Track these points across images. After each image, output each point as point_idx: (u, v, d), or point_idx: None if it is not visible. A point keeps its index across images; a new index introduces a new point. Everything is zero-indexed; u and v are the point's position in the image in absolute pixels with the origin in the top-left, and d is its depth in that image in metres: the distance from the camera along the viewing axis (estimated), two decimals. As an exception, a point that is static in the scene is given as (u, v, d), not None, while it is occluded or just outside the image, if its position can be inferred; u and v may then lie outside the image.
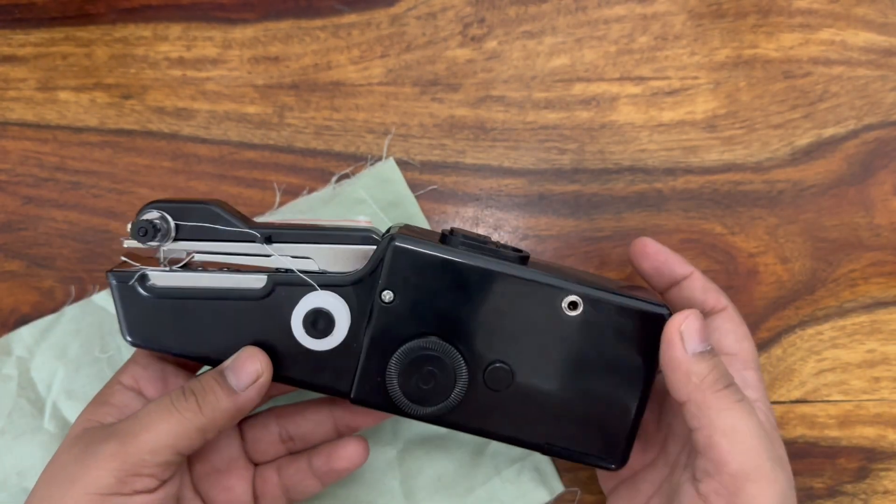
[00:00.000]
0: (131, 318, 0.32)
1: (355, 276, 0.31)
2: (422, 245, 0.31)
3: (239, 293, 0.32)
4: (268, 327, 0.32)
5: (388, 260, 0.31)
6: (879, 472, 0.42)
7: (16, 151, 0.41)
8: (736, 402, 0.29)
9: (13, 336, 0.40)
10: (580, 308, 0.31)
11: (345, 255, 0.32)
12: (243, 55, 0.42)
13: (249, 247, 0.32)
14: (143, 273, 0.32)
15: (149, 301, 0.32)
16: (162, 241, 0.31)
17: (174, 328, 0.32)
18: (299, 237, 0.32)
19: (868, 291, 0.42)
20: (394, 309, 0.31)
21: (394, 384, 0.31)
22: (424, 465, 0.40)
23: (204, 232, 0.31)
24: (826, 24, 0.42)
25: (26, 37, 0.42)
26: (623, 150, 0.42)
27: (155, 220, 0.31)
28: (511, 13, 0.42)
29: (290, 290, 0.31)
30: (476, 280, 0.31)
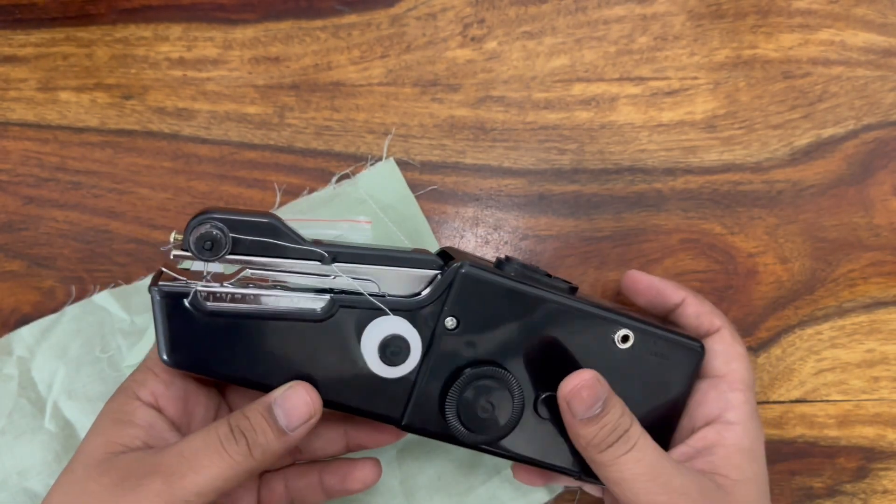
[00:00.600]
0: (176, 338, 0.29)
1: (421, 301, 0.31)
2: (488, 273, 0.31)
3: (298, 314, 0.30)
4: (330, 352, 0.30)
5: (456, 286, 0.30)
6: (879, 472, 0.42)
7: (17, 151, 0.41)
8: (620, 457, 0.31)
9: (14, 336, 0.40)
10: (631, 341, 0.33)
11: (405, 278, 0.31)
12: (244, 55, 0.42)
13: (309, 265, 0.30)
14: (195, 290, 0.29)
15: (198, 320, 0.29)
16: (219, 256, 0.28)
17: (223, 350, 0.29)
18: (362, 258, 0.30)
19: (867, 291, 0.42)
20: (456, 335, 0.31)
21: (453, 411, 0.31)
22: (424, 464, 0.40)
23: (263, 247, 0.29)
24: (825, 24, 0.42)
25: (27, 37, 0.42)
26: (623, 151, 0.42)
27: (216, 233, 0.28)
28: (511, 14, 0.42)
29: (356, 312, 0.30)
30: (537, 310, 0.31)
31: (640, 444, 0.31)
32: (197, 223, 0.28)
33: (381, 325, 0.30)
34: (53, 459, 0.39)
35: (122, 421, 0.30)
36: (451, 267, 0.31)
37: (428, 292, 0.31)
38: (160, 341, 0.29)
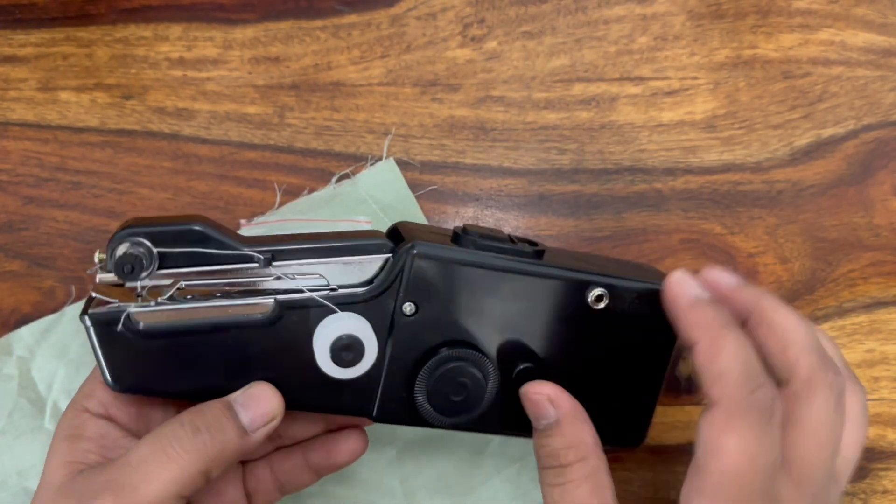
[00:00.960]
0: (117, 364, 0.27)
1: (373, 290, 0.29)
2: (442, 251, 0.29)
3: (242, 322, 0.28)
4: (281, 357, 0.28)
5: (408, 270, 0.28)
6: (879, 472, 0.42)
7: (16, 152, 0.41)
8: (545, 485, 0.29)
9: (14, 336, 0.40)
10: (606, 300, 0.30)
11: (355, 266, 0.29)
12: (244, 55, 0.42)
13: (248, 269, 0.28)
14: (126, 312, 0.27)
15: (136, 343, 0.27)
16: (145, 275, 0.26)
17: (168, 369, 0.28)
18: (304, 253, 0.28)
19: (867, 291, 0.42)
20: (415, 321, 0.29)
21: (423, 399, 0.30)
22: (424, 464, 0.40)
23: (192, 258, 0.27)
24: (825, 24, 0.42)
25: (27, 37, 0.42)
26: (623, 151, 0.42)
27: (138, 253, 0.26)
28: (511, 13, 0.42)
29: (304, 313, 0.28)
30: (501, 282, 0.29)
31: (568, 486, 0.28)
32: (117, 242, 0.26)
33: (333, 323, 0.28)
34: None
35: (74, 436, 0.28)
36: (401, 249, 0.28)
37: (379, 280, 0.28)
38: (101, 369, 0.28)
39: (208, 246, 0.27)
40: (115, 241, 0.26)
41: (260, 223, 0.40)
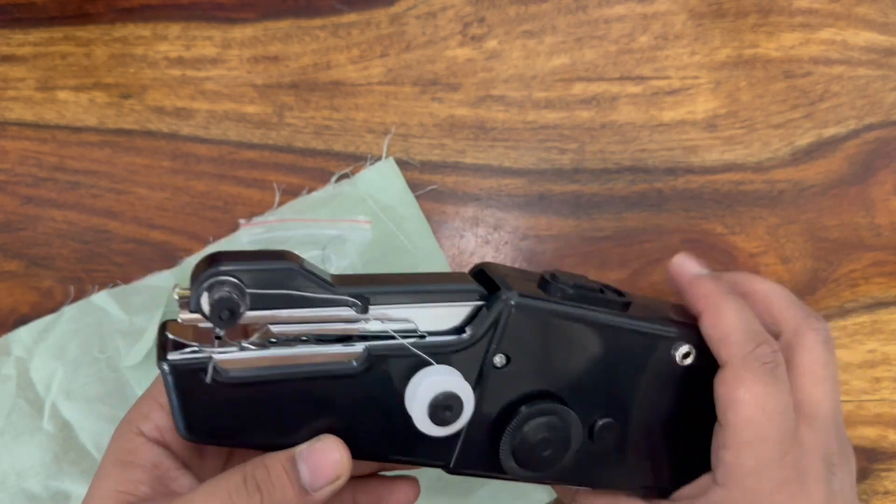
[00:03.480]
0: (194, 412, 0.25)
1: (467, 341, 0.27)
2: (541, 304, 0.28)
3: (332, 371, 0.26)
4: (369, 408, 0.27)
5: (504, 321, 0.27)
6: (880, 473, 0.42)
7: (15, 151, 0.41)
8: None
9: (12, 336, 0.40)
10: (692, 357, 0.31)
11: (446, 313, 0.27)
12: (243, 55, 0.42)
13: (337, 312, 0.26)
14: (212, 360, 0.25)
15: (217, 391, 0.25)
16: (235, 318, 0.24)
17: (249, 419, 0.26)
18: (397, 297, 0.27)
19: (869, 291, 0.42)
20: (505, 373, 0.28)
21: (507, 452, 0.28)
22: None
23: (285, 299, 0.25)
24: (827, 23, 0.42)
25: (25, 36, 0.41)
26: (623, 150, 0.42)
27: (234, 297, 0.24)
28: (511, 12, 0.42)
29: (396, 362, 0.27)
30: (592, 333, 0.29)
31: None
32: (207, 286, 0.24)
33: (427, 378, 0.27)
34: (52, 460, 0.39)
35: (126, 462, 0.27)
36: (497, 299, 0.27)
37: (472, 331, 0.27)
38: (175, 416, 0.26)
39: (303, 288, 0.25)
40: (204, 284, 0.24)
41: (259, 223, 0.40)
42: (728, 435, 0.29)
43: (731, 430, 0.29)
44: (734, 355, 0.29)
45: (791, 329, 0.31)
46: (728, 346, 0.29)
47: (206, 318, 0.24)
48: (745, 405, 0.28)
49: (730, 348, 0.29)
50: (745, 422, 0.28)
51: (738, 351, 0.29)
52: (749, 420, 0.28)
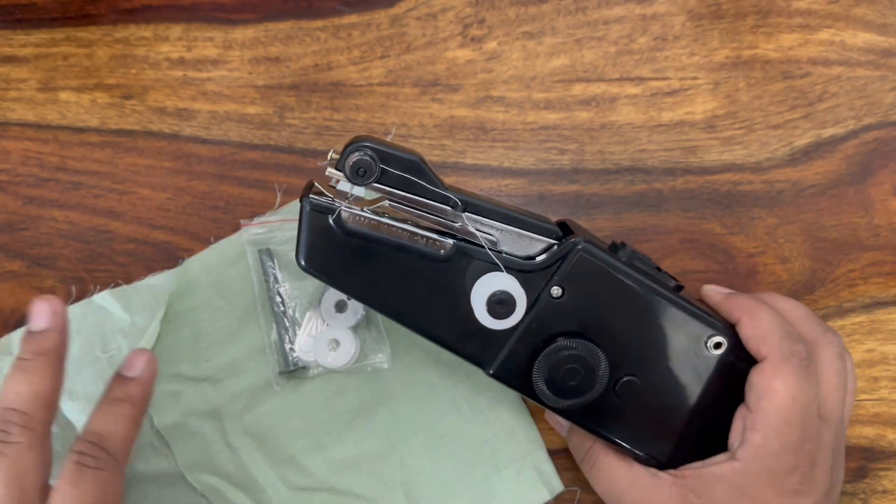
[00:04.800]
0: (313, 246, 0.32)
1: (535, 265, 0.33)
2: (603, 255, 0.33)
3: (423, 251, 0.32)
4: (442, 292, 0.33)
5: (569, 259, 0.32)
6: (878, 472, 0.42)
7: (17, 152, 0.41)
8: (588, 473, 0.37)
9: (14, 336, 0.40)
10: (722, 348, 0.34)
11: (525, 240, 0.33)
12: (244, 56, 0.42)
13: (441, 209, 0.32)
14: (340, 208, 0.32)
15: (336, 236, 0.32)
16: (367, 181, 0.31)
17: (349, 267, 0.32)
18: (489, 213, 0.32)
19: (867, 291, 0.42)
20: (558, 304, 0.33)
21: (540, 372, 0.33)
22: (425, 464, 0.40)
23: (405, 183, 0.31)
24: (825, 24, 0.42)
25: (27, 37, 0.42)
26: (623, 151, 0.42)
27: (369, 161, 0.30)
28: (511, 14, 0.42)
29: (474, 262, 0.32)
30: (640, 298, 0.33)
31: (598, 463, 0.35)
32: (353, 149, 0.31)
33: (493, 279, 0.32)
34: (53, 459, 0.39)
35: None
36: (569, 240, 0.33)
37: (543, 258, 0.33)
38: (300, 246, 0.32)
39: (422, 178, 0.31)
40: (351, 147, 0.31)
41: (260, 223, 0.40)
42: (758, 419, 0.32)
43: (763, 416, 0.32)
44: (774, 351, 0.32)
45: (811, 340, 0.34)
46: (768, 343, 0.33)
47: (346, 176, 0.31)
48: (780, 394, 0.32)
49: (769, 345, 0.33)
50: (777, 409, 0.32)
51: (777, 347, 0.32)
52: (781, 407, 0.32)
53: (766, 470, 0.32)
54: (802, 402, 0.32)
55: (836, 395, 0.34)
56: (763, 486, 0.32)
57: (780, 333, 0.33)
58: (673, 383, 0.34)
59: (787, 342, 0.33)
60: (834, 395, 0.34)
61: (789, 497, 0.32)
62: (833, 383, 0.34)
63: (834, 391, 0.34)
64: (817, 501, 0.33)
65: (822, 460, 0.33)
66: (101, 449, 0.32)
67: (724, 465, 0.33)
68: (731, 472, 0.32)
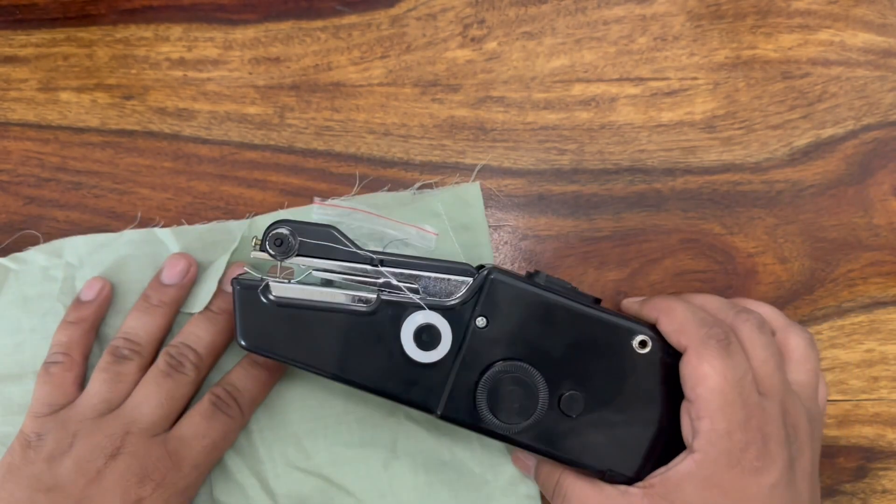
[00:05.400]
0: (249, 323, 0.34)
1: (455, 301, 0.35)
2: (515, 280, 0.35)
3: (350, 308, 0.34)
4: (375, 340, 0.35)
5: (486, 290, 0.34)
6: (878, 472, 0.42)
7: (17, 152, 0.41)
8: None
9: (67, 241, 0.40)
10: (648, 346, 0.35)
11: (444, 283, 0.35)
12: (244, 56, 0.42)
13: (361, 268, 0.35)
14: (266, 283, 0.34)
15: (268, 309, 0.34)
16: (288, 254, 0.34)
17: (286, 336, 0.34)
18: (406, 264, 0.35)
19: (867, 291, 0.42)
20: (486, 334, 0.35)
21: (482, 400, 0.34)
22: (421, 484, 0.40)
23: (323, 251, 0.34)
24: (825, 24, 0.42)
25: (27, 37, 0.42)
26: (622, 151, 0.42)
27: (287, 234, 0.34)
28: (511, 14, 0.42)
29: (398, 308, 0.35)
30: (559, 315, 0.35)
31: (568, 493, 0.35)
32: (272, 227, 0.34)
33: (417, 317, 0.34)
34: None
35: None
36: (483, 270, 0.35)
37: (461, 295, 0.35)
38: (238, 327, 0.34)
39: (337, 243, 0.34)
40: (270, 226, 0.34)
41: (332, 205, 0.40)
42: (700, 406, 0.33)
43: (702, 402, 0.33)
44: (692, 339, 0.34)
45: (728, 324, 0.35)
46: (685, 333, 0.34)
47: (269, 253, 0.34)
48: (710, 377, 0.33)
49: (688, 335, 0.34)
50: (712, 391, 0.33)
51: (694, 334, 0.34)
52: (715, 389, 0.32)
53: (723, 452, 0.32)
54: (734, 379, 0.33)
55: (765, 368, 0.34)
56: (724, 469, 0.32)
57: (695, 322, 0.34)
58: (613, 391, 0.35)
59: (703, 328, 0.34)
60: (764, 369, 0.34)
61: (751, 476, 0.32)
62: (760, 357, 0.34)
63: (763, 364, 0.34)
64: (780, 476, 0.33)
65: (773, 434, 0.33)
66: (234, 401, 0.38)
67: (685, 462, 0.33)
68: (694, 465, 0.33)
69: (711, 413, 0.32)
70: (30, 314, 0.39)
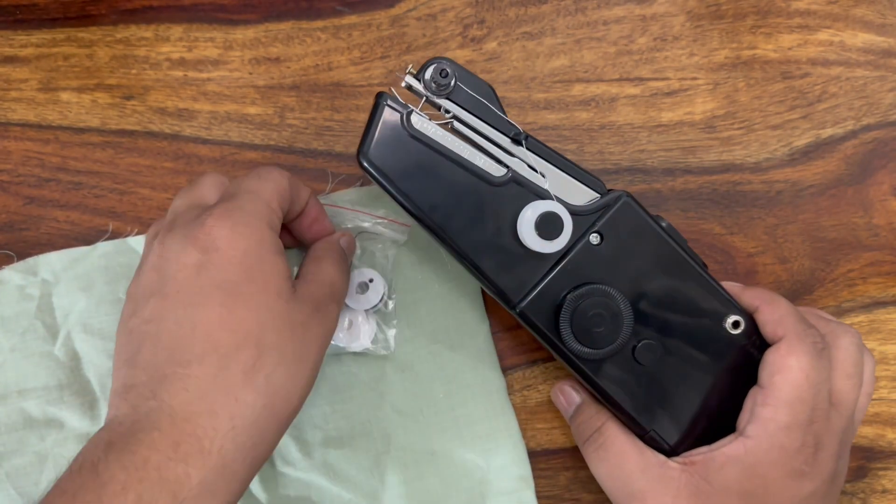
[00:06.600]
0: (377, 142, 0.33)
1: (580, 208, 0.34)
2: (644, 213, 0.34)
3: (479, 171, 0.33)
4: (491, 211, 0.33)
5: (613, 210, 0.34)
6: (878, 472, 0.42)
7: (18, 152, 0.41)
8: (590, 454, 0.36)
9: (41, 259, 0.40)
10: (740, 328, 0.35)
11: (572, 188, 0.34)
12: (244, 56, 0.42)
13: (501, 138, 0.33)
14: (412, 111, 0.33)
15: (402, 136, 0.33)
16: (442, 93, 0.33)
17: (407, 170, 0.33)
18: (546, 154, 0.34)
19: (866, 291, 0.42)
20: (596, 251, 0.34)
21: (567, 313, 0.33)
22: (412, 477, 0.40)
23: (474, 104, 0.33)
24: (824, 24, 0.42)
25: (28, 37, 0.42)
26: (622, 151, 0.42)
27: (450, 71, 0.32)
28: (511, 14, 0.42)
29: (524, 190, 0.33)
30: (671, 264, 0.34)
31: (607, 443, 0.35)
32: (434, 61, 0.33)
33: (543, 205, 0.33)
34: (55, 387, 0.39)
35: (283, 253, 0.33)
36: (615, 193, 0.34)
37: (588, 204, 0.34)
38: (367, 139, 0.33)
39: (491, 103, 0.33)
40: (432, 60, 0.33)
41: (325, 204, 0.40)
42: (770, 394, 0.33)
43: (775, 391, 0.32)
44: (790, 332, 0.33)
45: (829, 332, 0.35)
46: (785, 325, 0.34)
47: (423, 84, 0.33)
48: (793, 370, 0.32)
49: (785, 327, 0.34)
50: (789, 384, 0.32)
51: (794, 328, 0.33)
52: (793, 383, 0.32)
53: (775, 446, 0.32)
54: (814, 381, 0.32)
55: (849, 384, 0.34)
56: (771, 464, 0.32)
57: (797, 317, 0.34)
58: (690, 356, 0.35)
59: (803, 325, 0.34)
60: (847, 384, 0.34)
61: (794, 479, 0.32)
62: (848, 371, 0.34)
63: (847, 379, 0.34)
64: (819, 487, 0.33)
65: (828, 445, 0.33)
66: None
67: (734, 444, 0.33)
68: (742, 450, 0.32)
69: (778, 403, 0.32)
70: (9, 334, 0.39)
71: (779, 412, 0.32)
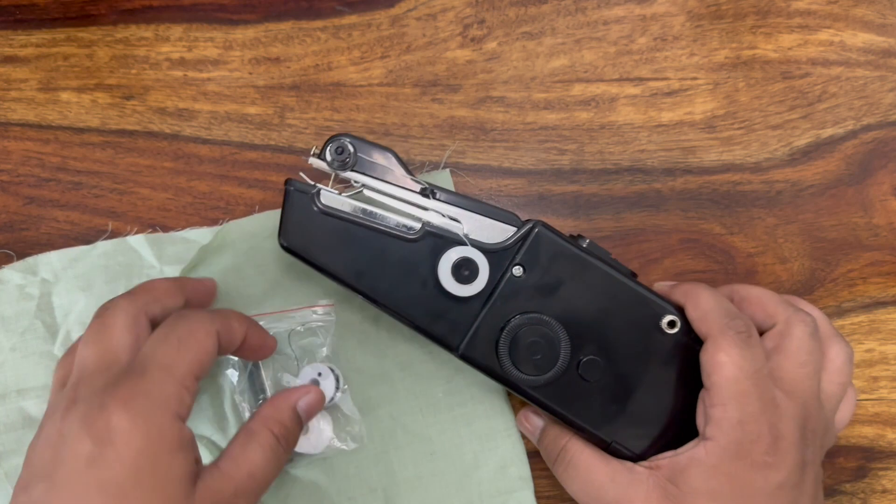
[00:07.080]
0: (293, 224, 0.35)
1: (497, 246, 0.35)
2: (560, 238, 0.35)
3: (393, 232, 0.35)
4: (412, 267, 0.35)
5: (529, 241, 0.35)
6: (878, 472, 0.42)
7: (17, 152, 0.41)
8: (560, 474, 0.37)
9: (41, 258, 0.40)
10: (677, 327, 0.35)
11: (488, 227, 0.35)
12: (244, 56, 0.42)
13: (411, 195, 0.35)
14: (319, 189, 0.35)
15: (314, 215, 0.35)
16: (345, 167, 0.34)
17: (327, 245, 0.35)
18: (455, 201, 0.35)
19: (866, 291, 0.42)
20: (520, 283, 0.35)
21: (505, 347, 0.34)
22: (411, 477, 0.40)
23: (378, 171, 0.35)
24: (825, 24, 0.42)
25: (28, 37, 0.42)
26: (622, 151, 0.42)
27: (348, 146, 0.34)
28: (511, 14, 0.42)
29: (441, 240, 0.35)
30: (595, 280, 0.35)
31: (573, 461, 0.35)
32: (334, 139, 0.34)
33: (458, 251, 0.35)
34: None
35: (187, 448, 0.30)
36: (528, 223, 0.35)
37: (506, 240, 0.35)
38: (283, 225, 0.35)
39: (392, 167, 0.35)
40: (332, 138, 0.35)
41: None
42: (714, 394, 0.33)
43: (717, 390, 0.33)
44: (713, 328, 0.34)
45: (783, 319, 0.35)
46: (707, 321, 0.34)
47: (326, 162, 0.34)
48: (726, 366, 0.33)
49: (709, 323, 0.34)
50: (727, 380, 0.33)
51: (715, 324, 0.34)
52: (730, 378, 0.33)
53: (734, 442, 0.32)
54: (749, 371, 0.33)
55: (801, 371, 0.34)
56: (733, 459, 0.32)
57: (719, 311, 0.34)
58: (634, 365, 0.35)
59: (724, 318, 0.34)
60: (800, 371, 0.34)
61: (759, 471, 0.32)
62: (800, 359, 0.34)
63: (800, 367, 0.34)
64: (789, 477, 0.32)
65: (787, 433, 0.33)
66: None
67: (696, 448, 0.33)
68: (704, 452, 0.33)
69: (725, 401, 0.33)
70: (9, 333, 0.39)
71: (728, 410, 0.32)
